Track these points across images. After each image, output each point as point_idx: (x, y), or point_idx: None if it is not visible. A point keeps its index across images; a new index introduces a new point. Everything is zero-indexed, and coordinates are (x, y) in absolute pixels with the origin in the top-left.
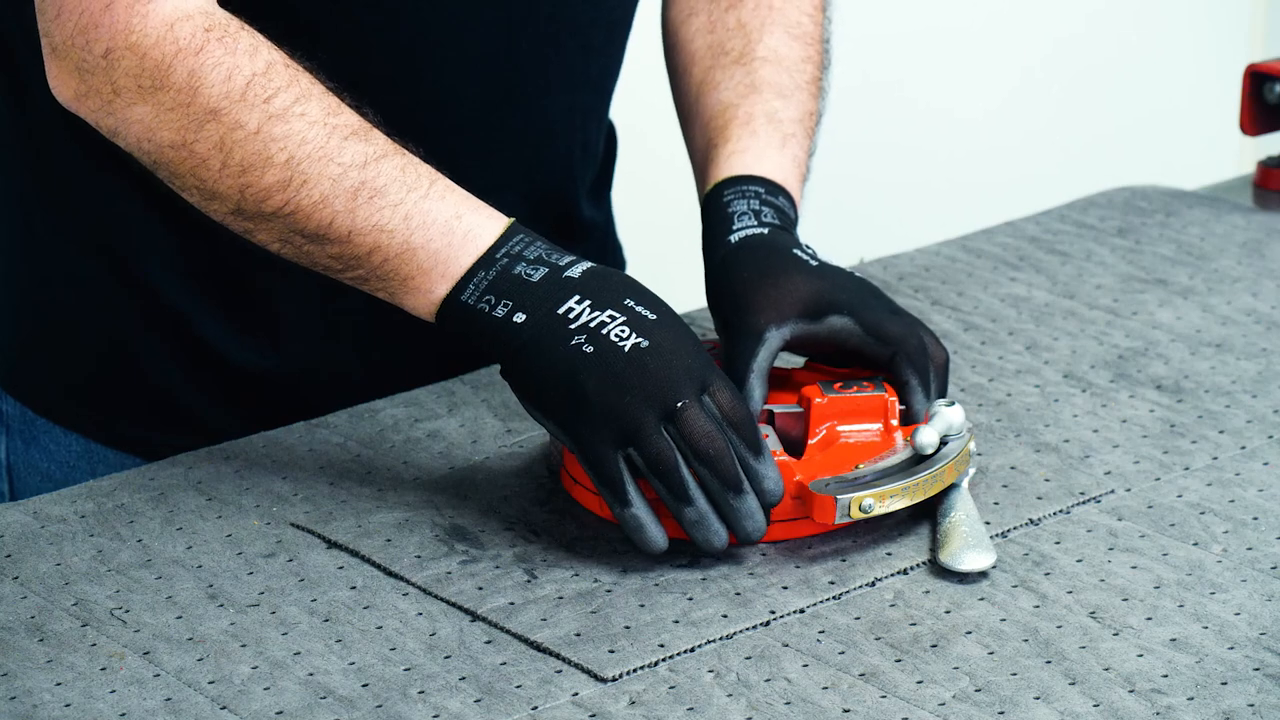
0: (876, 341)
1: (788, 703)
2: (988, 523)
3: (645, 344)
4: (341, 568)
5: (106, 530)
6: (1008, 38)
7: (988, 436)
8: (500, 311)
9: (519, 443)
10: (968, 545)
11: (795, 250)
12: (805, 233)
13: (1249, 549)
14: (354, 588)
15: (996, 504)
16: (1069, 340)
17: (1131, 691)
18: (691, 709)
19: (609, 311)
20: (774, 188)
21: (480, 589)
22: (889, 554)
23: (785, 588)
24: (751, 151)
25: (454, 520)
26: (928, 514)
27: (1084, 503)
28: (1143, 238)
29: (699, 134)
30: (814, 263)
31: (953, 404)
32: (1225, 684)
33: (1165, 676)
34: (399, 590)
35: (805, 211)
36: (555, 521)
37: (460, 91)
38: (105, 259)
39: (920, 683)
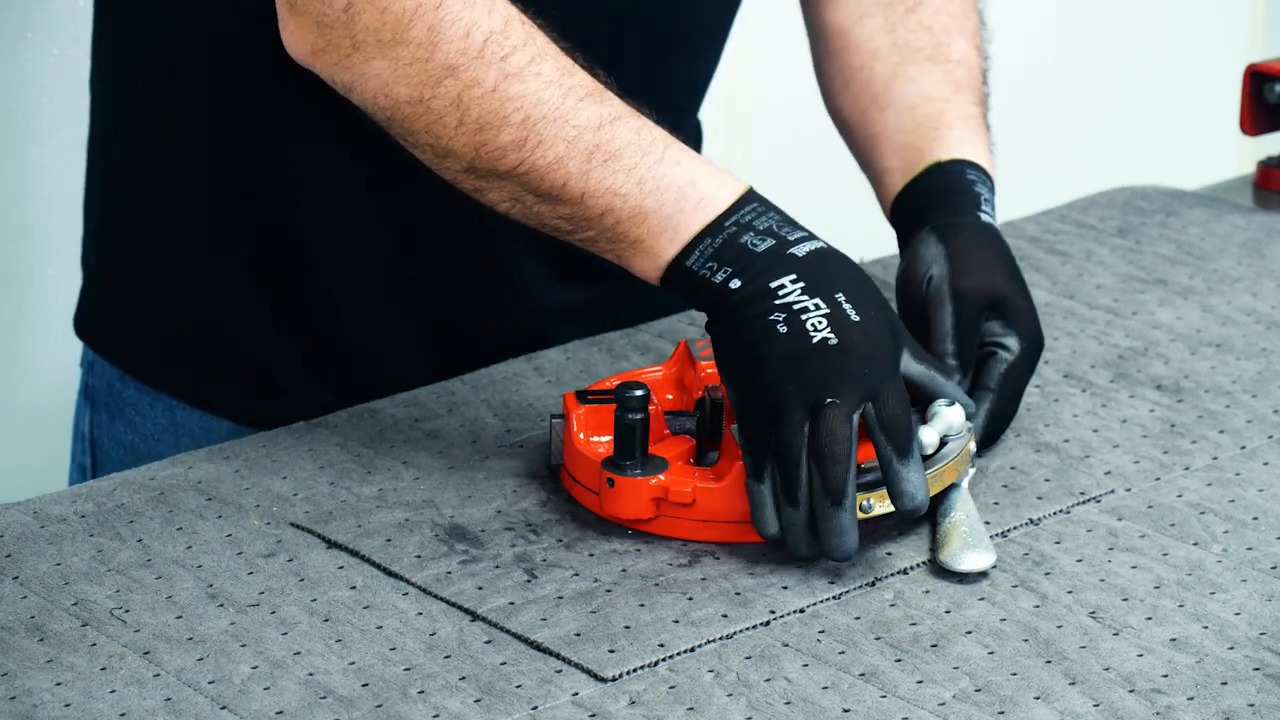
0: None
1: (788, 702)
2: (987, 523)
3: (834, 341)
4: (341, 568)
5: (106, 530)
6: (1007, 38)
7: None
8: (720, 277)
9: (519, 443)
10: (967, 545)
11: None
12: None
13: (1249, 549)
14: (354, 588)
15: (996, 504)
16: (1069, 340)
17: (1131, 691)
18: (692, 709)
19: (817, 299)
20: (993, 190)
21: (480, 589)
22: (889, 554)
23: (785, 587)
24: (978, 148)
25: (454, 520)
26: (927, 514)
27: (1084, 502)
28: (1143, 238)
29: (896, 118)
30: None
31: (952, 404)
32: (1225, 684)
33: (1165, 676)
34: (399, 590)
35: (807, 210)
36: (555, 521)
37: None
38: (205, 221)
39: (920, 682)
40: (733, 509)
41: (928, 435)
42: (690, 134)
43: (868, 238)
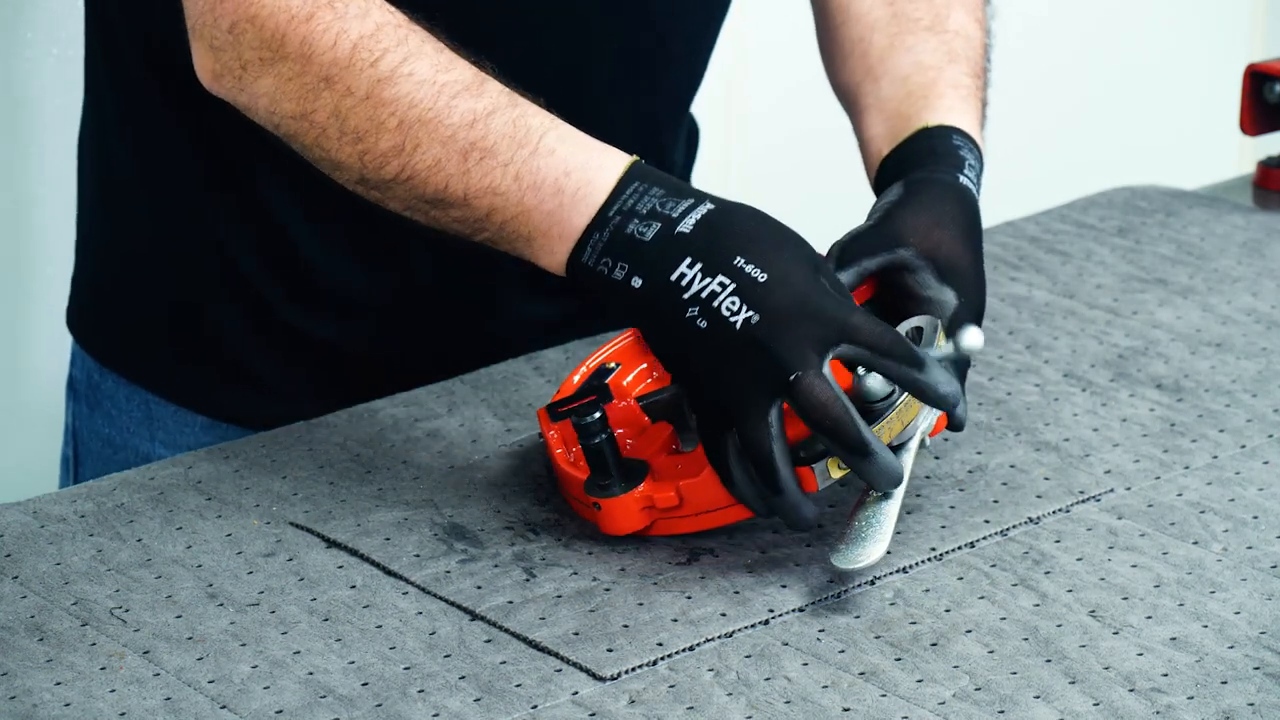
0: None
1: (788, 701)
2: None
3: (756, 318)
4: (341, 567)
5: (106, 530)
6: (1007, 38)
7: (988, 435)
8: (619, 274)
9: (519, 443)
10: (849, 542)
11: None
12: (807, 231)
13: (1249, 548)
14: (353, 587)
15: (996, 502)
16: (1069, 339)
17: (1131, 690)
18: (691, 708)
19: (720, 278)
20: (981, 163)
21: (479, 588)
22: (888, 552)
23: (784, 586)
24: (967, 117)
25: (453, 519)
26: (911, 508)
27: (1084, 501)
28: (1143, 238)
29: (889, 87)
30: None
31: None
32: (1225, 683)
33: (1165, 675)
34: (399, 589)
35: (807, 209)
36: (554, 521)
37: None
38: (182, 216)
39: (920, 681)
40: (721, 495)
41: (875, 381)
42: (683, 136)
43: None
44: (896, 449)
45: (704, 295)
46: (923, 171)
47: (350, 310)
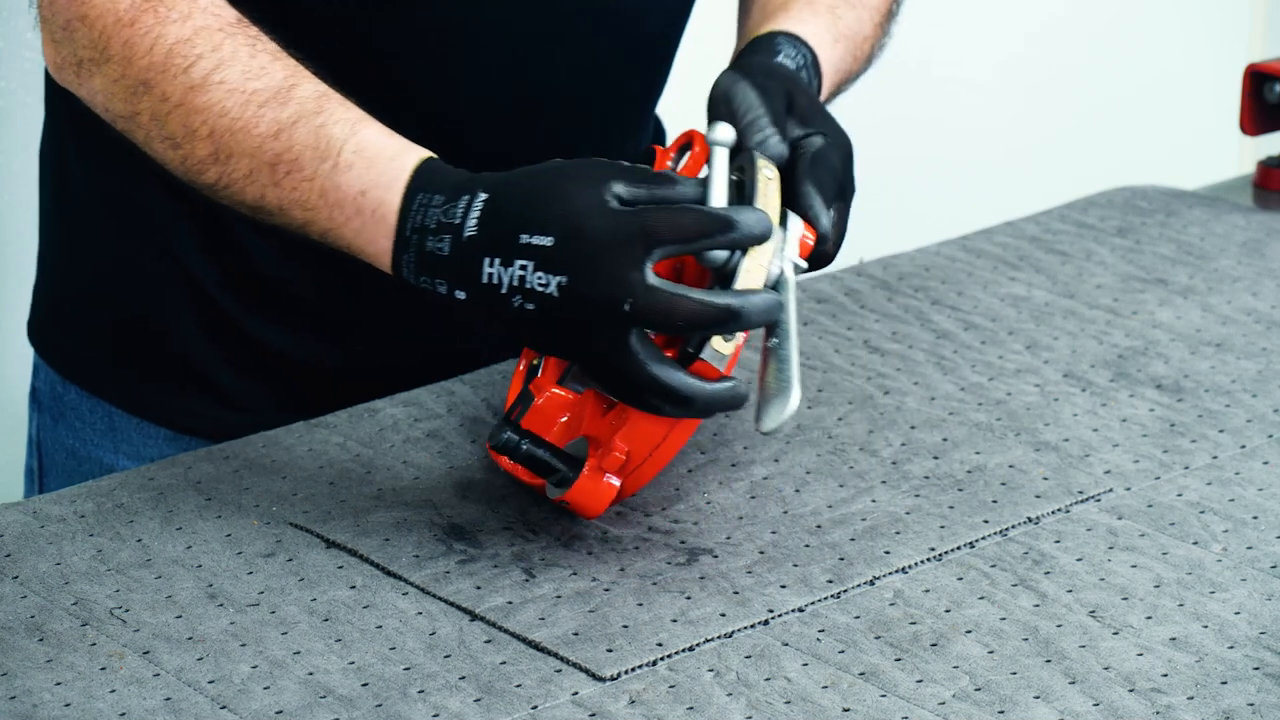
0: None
1: (787, 702)
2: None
3: (565, 279)
4: (341, 567)
5: (106, 530)
6: (1008, 38)
7: (987, 435)
8: (443, 289)
9: None
10: (765, 403)
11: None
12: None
13: (1249, 548)
14: (353, 587)
15: (996, 502)
16: (1069, 340)
17: (1131, 691)
18: (691, 708)
19: (518, 263)
20: (816, 66)
21: (478, 588)
22: (887, 552)
23: (783, 586)
24: (809, 27)
25: (452, 520)
26: (911, 508)
27: (1084, 501)
28: (1143, 238)
29: (756, 14)
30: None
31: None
32: (1225, 683)
33: (1165, 676)
34: (398, 590)
35: None
36: (553, 521)
37: (489, 107)
38: (136, 230)
39: (920, 682)
40: (658, 426)
41: (721, 131)
42: (648, 139)
43: (867, 238)
44: (775, 289)
45: (515, 283)
46: (741, 59)
47: (308, 322)
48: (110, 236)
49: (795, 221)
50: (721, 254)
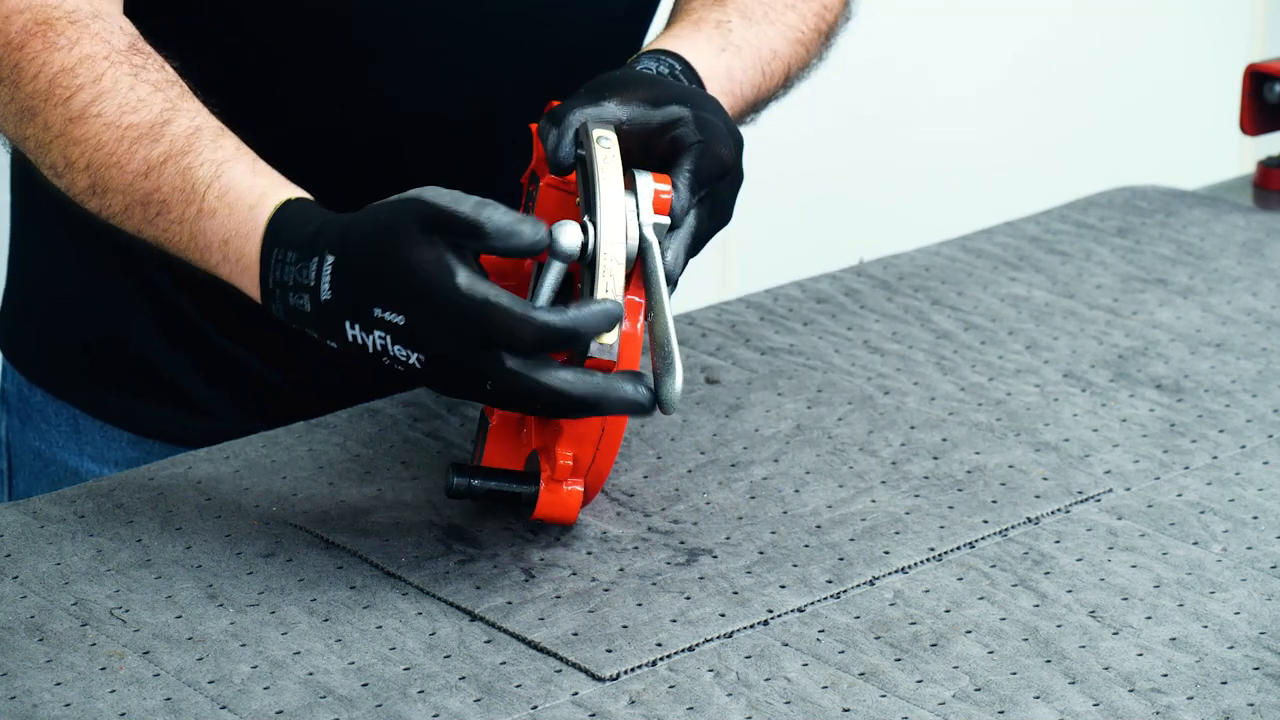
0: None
1: (787, 702)
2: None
3: (423, 356)
4: (341, 567)
5: (106, 530)
6: (1008, 38)
7: (987, 435)
8: (315, 336)
9: None
10: (658, 383)
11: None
12: (805, 232)
13: (1249, 548)
14: (353, 587)
15: (996, 502)
16: (1069, 340)
17: (1131, 691)
18: (691, 708)
19: (376, 333)
20: (690, 71)
21: (478, 588)
22: (887, 552)
23: (783, 586)
24: (686, 40)
25: (452, 520)
26: (910, 508)
27: (1083, 501)
28: (1143, 238)
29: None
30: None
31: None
32: (1225, 683)
33: (1165, 676)
34: (398, 590)
35: (805, 212)
36: None
37: (443, 119)
38: (100, 239)
39: (920, 682)
40: (589, 428)
41: (561, 243)
42: None
43: (866, 238)
44: (643, 259)
45: (379, 349)
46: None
47: (268, 334)
48: (76, 249)
49: (644, 179)
50: (572, 247)
